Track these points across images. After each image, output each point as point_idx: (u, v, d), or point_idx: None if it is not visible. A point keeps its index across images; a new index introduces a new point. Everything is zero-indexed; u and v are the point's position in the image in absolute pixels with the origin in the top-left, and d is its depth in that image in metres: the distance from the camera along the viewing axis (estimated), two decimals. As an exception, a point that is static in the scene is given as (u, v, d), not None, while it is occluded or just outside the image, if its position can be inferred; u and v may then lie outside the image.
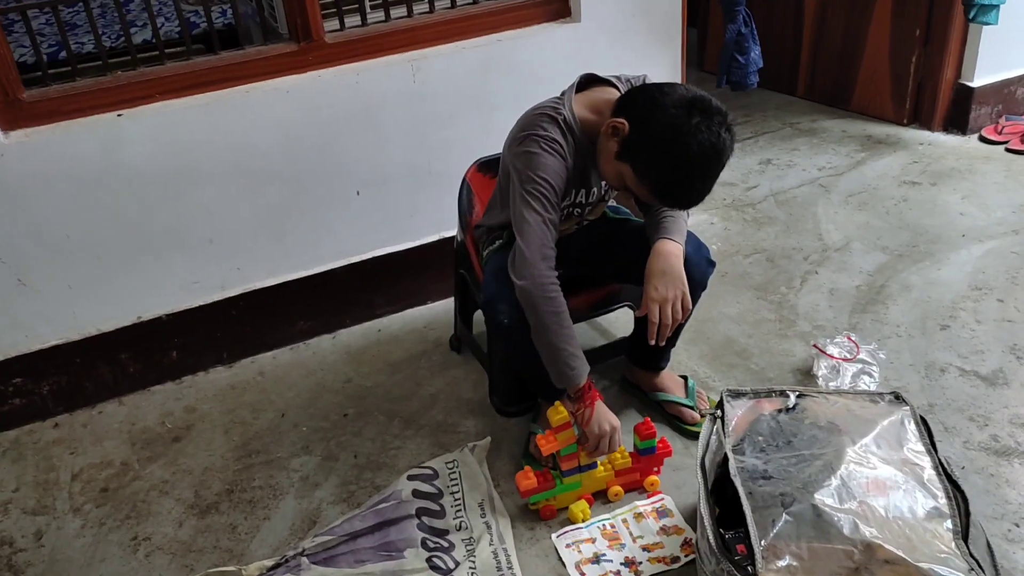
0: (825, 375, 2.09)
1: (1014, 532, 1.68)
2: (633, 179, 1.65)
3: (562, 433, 1.75)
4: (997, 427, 1.95)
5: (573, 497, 1.83)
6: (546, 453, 1.76)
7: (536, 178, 1.67)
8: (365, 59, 2.26)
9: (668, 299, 1.72)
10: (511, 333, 1.77)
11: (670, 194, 1.66)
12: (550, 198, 1.68)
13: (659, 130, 1.59)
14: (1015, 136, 3.21)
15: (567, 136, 1.71)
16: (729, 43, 2.76)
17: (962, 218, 2.78)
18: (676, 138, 1.57)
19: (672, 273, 1.73)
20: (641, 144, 1.62)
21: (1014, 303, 2.35)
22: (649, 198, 1.69)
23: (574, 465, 1.79)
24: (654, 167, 1.62)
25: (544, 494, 1.80)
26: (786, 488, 1.42)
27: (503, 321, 1.75)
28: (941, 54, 3.21)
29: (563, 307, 1.69)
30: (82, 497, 1.98)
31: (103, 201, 2.09)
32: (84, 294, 2.16)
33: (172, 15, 3.28)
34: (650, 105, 1.62)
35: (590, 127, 1.73)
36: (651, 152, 1.61)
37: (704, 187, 1.63)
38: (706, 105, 1.59)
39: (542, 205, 1.67)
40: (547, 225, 1.68)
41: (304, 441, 2.08)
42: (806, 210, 2.91)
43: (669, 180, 1.62)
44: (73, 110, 2.03)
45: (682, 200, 1.68)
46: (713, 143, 1.57)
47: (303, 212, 2.32)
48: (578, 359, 1.71)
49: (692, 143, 1.56)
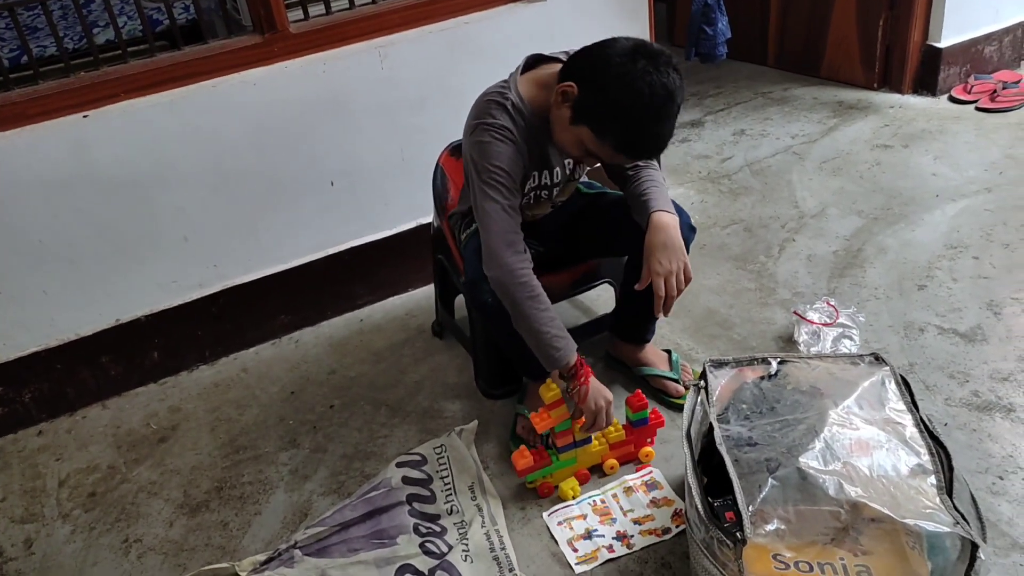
0: (806, 341, 2.11)
1: (998, 485, 1.71)
2: (593, 140, 1.63)
3: (555, 410, 1.76)
4: (977, 383, 1.97)
5: (569, 473, 1.84)
6: (540, 431, 1.77)
7: (490, 167, 1.67)
8: (331, 48, 2.24)
9: (672, 271, 1.72)
10: (494, 312, 1.76)
11: (632, 145, 1.63)
12: (507, 184, 1.67)
13: (608, 82, 1.57)
14: (984, 95, 3.24)
15: (516, 120, 1.69)
16: (696, 15, 2.76)
17: (935, 178, 2.80)
18: (626, 86, 1.55)
19: (673, 245, 1.73)
20: (593, 102, 1.60)
21: (989, 260, 2.37)
22: (613, 156, 1.66)
23: (569, 441, 1.80)
24: (610, 121, 1.59)
25: (540, 471, 1.81)
26: (771, 454, 1.43)
27: (487, 300, 1.75)
28: (908, 16, 3.22)
29: (537, 290, 1.68)
30: (70, 503, 1.97)
31: (74, 204, 2.07)
32: (60, 299, 2.14)
33: (134, 13, 3.23)
34: (594, 61, 1.60)
35: (539, 106, 1.71)
36: (605, 107, 1.59)
37: (664, 131, 1.61)
38: (649, 50, 1.58)
39: (499, 193, 1.67)
40: (507, 212, 1.68)
41: (291, 435, 2.08)
42: (781, 178, 2.92)
43: (628, 131, 1.60)
44: (38, 113, 2.00)
45: (646, 148, 1.66)
46: (664, 83, 1.55)
47: (278, 205, 2.30)
48: (562, 339, 1.72)
49: (644, 88, 1.54)
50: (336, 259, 2.42)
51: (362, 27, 2.26)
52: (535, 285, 1.68)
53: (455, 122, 2.33)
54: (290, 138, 2.24)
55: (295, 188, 2.30)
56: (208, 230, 2.24)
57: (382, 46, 2.26)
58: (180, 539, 1.84)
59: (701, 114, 3.46)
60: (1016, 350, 2.04)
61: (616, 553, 1.68)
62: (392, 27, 2.29)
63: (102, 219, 2.11)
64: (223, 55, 2.14)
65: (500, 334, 1.84)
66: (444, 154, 2.13)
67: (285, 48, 2.19)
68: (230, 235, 2.27)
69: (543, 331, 1.69)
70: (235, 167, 2.21)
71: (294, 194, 2.31)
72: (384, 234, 2.46)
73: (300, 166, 2.28)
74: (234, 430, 2.12)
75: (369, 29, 2.27)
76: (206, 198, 2.21)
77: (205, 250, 2.26)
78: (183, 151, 2.14)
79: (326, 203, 2.35)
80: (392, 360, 2.29)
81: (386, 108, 2.32)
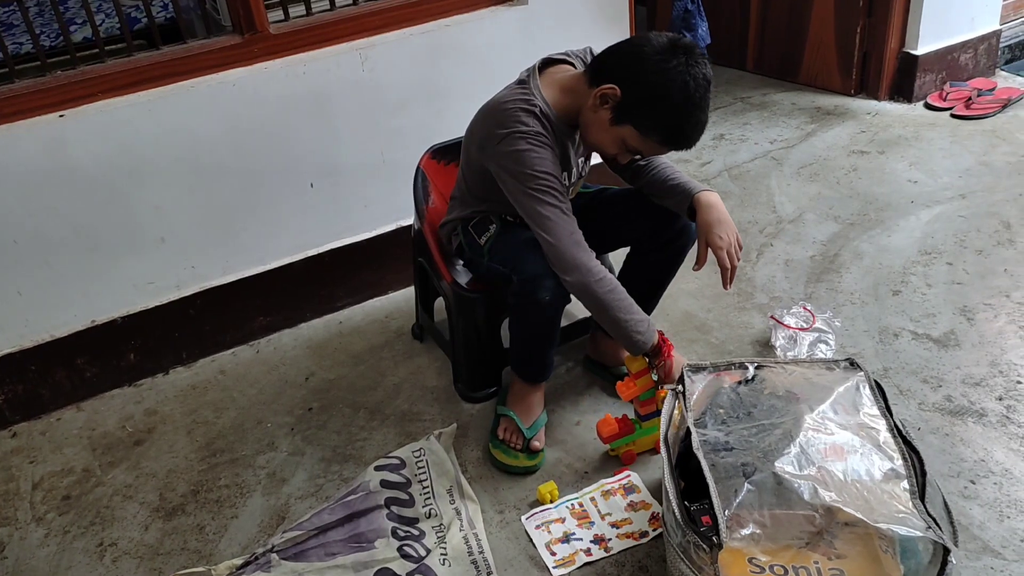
0: (783, 345, 2.13)
1: (969, 489, 1.73)
2: (637, 137, 1.67)
3: (641, 379, 1.81)
4: (950, 388, 2.00)
5: (651, 441, 1.88)
6: (626, 399, 1.84)
7: (538, 174, 1.69)
8: (312, 49, 2.23)
9: (731, 243, 1.80)
10: (549, 309, 1.80)
11: (678, 137, 1.68)
12: (557, 188, 1.71)
13: (653, 80, 1.62)
14: (959, 102, 3.28)
15: (546, 125, 1.72)
16: (676, 20, 2.78)
17: (910, 185, 2.84)
18: (671, 83, 1.61)
19: (725, 220, 1.81)
20: (638, 101, 1.64)
21: (963, 266, 2.41)
22: (656, 149, 1.72)
23: (652, 410, 1.85)
24: (657, 117, 1.65)
25: (625, 439, 1.85)
26: (747, 458, 1.45)
27: (545, 297, 1.76)
28: (885, 24, 3.26)
29: (613, 282, 1.75)
30: (44, 506, 1.94)
31: (50, 204, 2.05)
32: (35, 300, 2.12)
33: (111, 11, 3.21)
34: (634, 61, 1.65)
35: (563, 109, 1.74)
36: (651, 105, 1.64)
37: (705, 118, 1.67)
38: (684, 44, 1.65)
39: (554, 197, 1.70)
40: (566, 214, 1.72)
41: (269, 437, 2.07)
42: (759, 183, 2.95)
43: (674, 124, 1.66)
44: (13, 112, 1.98)
45: (691, 138, 1.69)
46: (704, 74, 1.63)
47: (257, 207, 2.29)
48: (643, 322, 1.77)
49: (688, 81, 1.61)
50: (315, 261, 2.41)
51: (343, 28, 2.26)
52: (611, 279, 1.75)
53: (436, 124, 2.34)
54: (270, 139, 2.23)
55: (274, 189, 2.29)
56: (186, 231, 2.23)
57: (363, 48, 2.26)
58: (156, 543, 1.82)
59: (681, 118, 3.48)
60: (988, 356, 2.07)
61: (594, 556, 1.69)
62: (373, 29, 2.29)
63: (78, 219, 2.09)
64: (202, 55, 2.13)
65: (538, 331, 1.88)
66: (425, 157, 2.13)
67: (265, 49, 2.18)
68: (208, 236, 2.26)
69: (626, 319, 1.75)
70: (214, 168, 2.19)
71: (273, 195, 2.30)
72: (364, 236, 2.45)
73: (279, 167, 2.27)
74: (211, 433, 2.11)
75: (350, 31, 2.27)
76: (184, 199, 2.19)
77: (182, 251, 2.24)
78: (161, 151, 2.12)
79: (306, 204, 2.34)
80: (371, 363, 2.29)
81: (367, 110, 2.31)
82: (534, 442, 1.90)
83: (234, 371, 2.31)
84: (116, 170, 2.09)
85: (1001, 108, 3.22)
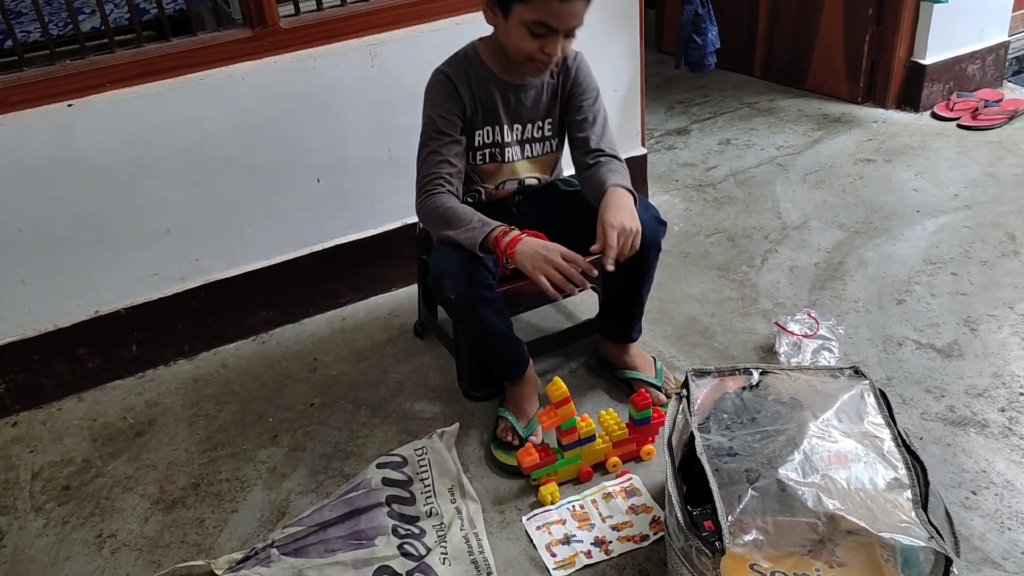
0: (787, 351, 2.13)
1: (971, 499, 1.73)
2: (527, 9, 1.63)
3: (562, 408, 1.78)
4: (953, 398, 1.99)
5: (574, 471, 1.86)
6: (547, 428, 1.80)
7: (424, 118, 1.81)
8: (322, 44, 2.22)
9: (626, 227, 1.67)
10: (457, 309, 1.80)
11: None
12: (437, 129, 1.78)
13: None
14: (966, 112, 3.28)
15: (460, 64, 1.79)
16: (686, 24, 2.78)
17: (916, 194, 2.84)
18: None
19: (627, 208, 1.70)
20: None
21: (967, 276, 2.40)
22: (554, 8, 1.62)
23: (574, 439, 1.82)
24: None
25: (546, 469, 1.83)
26: (751, 464, 1.44)
27: (450, 296, 1.77)
28: (893, 33, 3.26)
29: (447, 201, 1.75)
30: (43, 496, 1.94)
31: (56, 193, 2.04)
32: (39, 289, 2.12)
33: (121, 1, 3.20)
34: None
35: (489, 51, 1.79)
36: None
37: None
38: None
39: (427, 137, 1.80)
40: (431, 155, 1.79)
41: (270, 432, 2.07)
42: (765, 189, 2.95)
43: None
44: (22, 101, 1.97)
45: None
46: None
47: (263, 201, 2.29)
48: (473, 228, 1.70)
49: None
50: (320, 256, 2.41)
51: (353, 24, 2.25)
52: (444, 199, 1.75)
53: (444, 123, 2.33)
54: (277, 133, 2.23)
55: (281, 184, 2.29)
56: (192, 224, 2.22)
57: (373, 44, 2.26)
58: (155, 535, 1.82)
59: (687, 122, 3.48)
60: (991, 367, 2.07)
61: (594, 559, 1.68)
62: (383, 25, 2.29)
63: (84, 209, 2.09)
64: (212, 48, 2.12)
65: (468, 330, 1.88)
66: (432, 155, 2.12)
67: (275, 43, 2.18)
68: (214, 229, 2.26)
69: (457, 234, 1.72)
70: (221, 161, 2.19)
71: (280, 190, 2.29)
72: (369, 233, 2.45)
73: (287, 162, 2.27)
74: (212, 426, 2.10)
75: (360, 27, 2.26)
76: (190, 191, 2.19)
77: (188, 243, 2.24)
78: (168, 143, 2.12)
79: (312, 200, 2.34)
80: (374, 359, 2.28)
81: (375, 107, 2.31)
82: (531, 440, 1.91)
83: (236, 365, 2.31)
84: (123, 161, 2.08)
85: (1008, 119, 3.22)
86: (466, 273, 1.74)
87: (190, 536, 1.81)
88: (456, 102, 1.78)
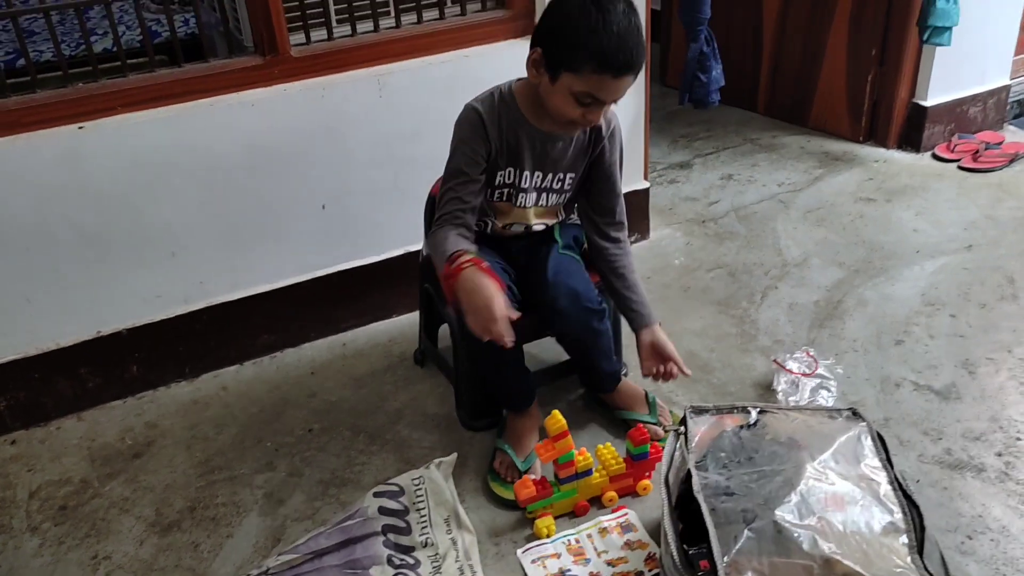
0: (785, 390, 2.13)
1: (967, 544, 1.73)
2: (576, 79, 1.63)
3: (560, 441, 1.79)
4: (950, 441, 2.00)
5: (570, 504, 1.86)
6: (544, 461, 1.81)
7: (450, 151, 1.81)
8: (331, 73, 2.25)
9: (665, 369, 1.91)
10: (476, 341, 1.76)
11: (605, 53, 1.60)
12: (459, 168, 1.78)
13: (554, 14, 1.65)
14: (967, 154, 3.31)
15: (494, 104, 1.78)
16: (691, 61, 2.81)
17: (916, 234, 2.86)
18: (573, 10, 1.60)
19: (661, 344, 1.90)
20: (553, 44, 1.64)
21: (966, 318, 2.42)
22: (604, 83, 1.63)
23: (571, 472, 1.82)
24: (574, 46, 1.61)
25: (542, 502, 1.83)
26: (748, 504, 1.45)
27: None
28: (896, 74, 3.29)
29: (446, 232, 1.76)
30: (40, 515, 1.94)
31: (63, 213, 2.06)
32: (43, 308, 2.13)
33: (133, 23, 3.24)
34: (548, 14, 1.68)
35: (524, 96, 1.79)
36: (563, 37, 1.62)
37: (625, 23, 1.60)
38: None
39: (449, 174, 1.81)
40: (448, 193, 1.79)
41: (268, 457, 2.07)
42: (766, 225, 2.97)
43: (592, 42, 1.59)
44: (33, 122, 2.00)
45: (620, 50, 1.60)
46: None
47: (268, 226, 2.31)
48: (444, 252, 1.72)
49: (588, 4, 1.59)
50: (323, 282, 2.42)
51: (363, 54, 2.29)
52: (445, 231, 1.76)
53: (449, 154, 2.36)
54: (285, 160, 2.25)
55: (286, 209, 2.31)
56: (196, 247, 2.24)
57: (382, 74, 2.28)
58: (150, 558, 1.82)
59: (690, 156, 3.51)
60: (989, 410, 2.08)
61: (588, 594, 1.68)
62: (393, 56, 2.32)
63: (90, 230, 2.10)
64: (223, 74, 2.15)
65: (484, 356, 1.87)
66: (437, 184, 2.14)
67: (285, 71, 2.21)
68: (218, 253, 2.27)
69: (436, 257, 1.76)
70: (228, 185, 2.21)
71: (285, 215, 2.31)
72: (372, 259, 2.46)
73: (293, 188, 2.29)
74: (210, 449, 2.11)
75: (370, 57, 2.29)
76: (196, 215, 2.21)
77: (192, 266, 2.26)
78: (176, 167, 2.14)
79: (316, 226, 2.36)
80: (373, 386, 2.29)
81: (382, 136, 2.33)
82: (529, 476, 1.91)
83: (236, 388, 2.31)
84: (131, 184, 2.10)
85: (1008, 162, 3.25)
86: None
87: (185, 560, 1.81)
88: (483, 142, 1.77)
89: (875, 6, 3.25)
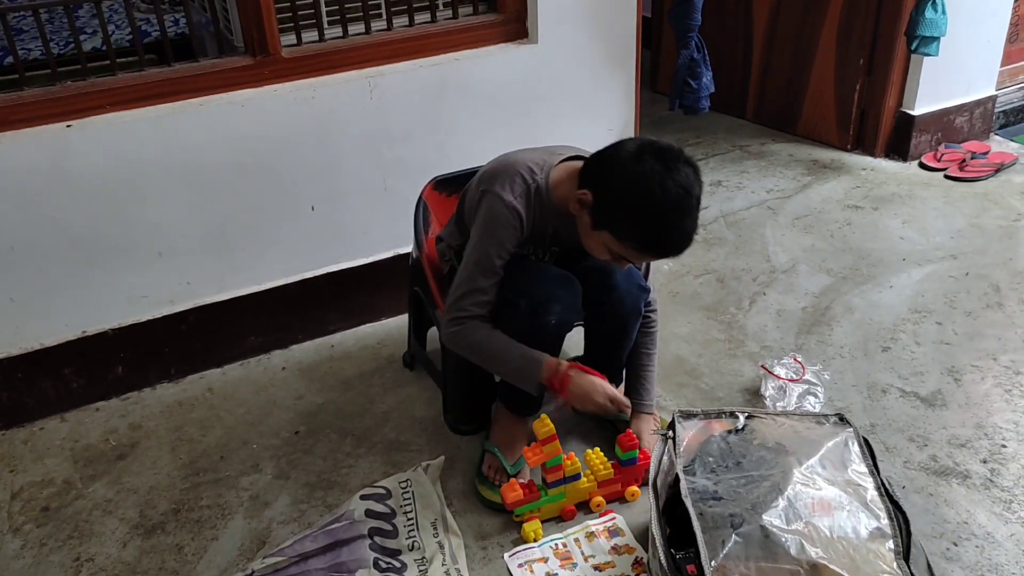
0: (772, 395, 2.14)
1: (952, 551, 1.74)
2: (615, 243, 1.65)
3: (548, 445, 1.78)
4: (936, 447, 2.01)
5: (557, 509, 1.85)
6: (532, 465, 1.80)
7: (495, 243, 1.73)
8: (322, 75, 2.25)
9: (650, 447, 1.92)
10: (554, 330, 1.80)
11: (655, 244, 1.65)
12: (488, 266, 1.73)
13: (621, 186, 1.60)
14: (953, 164, 3.33)
15: (532, 205, 1.74)
16: (682, 68, 2.82)
17: (903, 242, 2.87)
18: (639, 188, 1.57)
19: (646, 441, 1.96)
20: (609, 207, 1.63)
21: (952, 326, 2.43)
22: (640, 256, 1.70)
23: (559, 477, 1.82)
24: (629, 224, 1.62)
25: (529, 506, 1.82)
26: (735, 509, 1.45)
27: (551, 320, 1.77)
28: (884, 83, 3.32)
29: (479, 333, 1.74)
30: (22, 516, 1.92)
31: (49, 213, 2.04)
32: (27, 308, 2.11)
33: (123, 22, 3.22)
34: (604, 166, 1.65)
35: (560, 196, 1.75)
36: (622, 211, 1.61)
37: (685, 227, 1.62)
38: (656, 147, 1.61)
39: (475, 269, 1.74)
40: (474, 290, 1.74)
41: (254, 459, 2.06)
42: (754, 232, 2.98)
43: (647, 232, 1.62)
44: (20, 120, 1.98)
45: (669, 248, 1.66)
46: (676, 180, 1.57)
47: (256, 227, 2.29)
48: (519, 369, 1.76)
49: (655, 188, 1.56)
50: (311, 283, 2.41)
51: (354, 56, 2.28)
52: (473, 329, 1.75)
53: (439, 156, 2.37)
54: (274, 160, 2.24)
55: (275, 210, 2.30)
56: (184, 246, 2.23)
57: (372, 76, 2.28)
58: (133, 561, 1.80)
59: (679, 162, 3.52)
60: (974, 417, 2.09)
61: (575, 599, 1.68)
62: (383, 58, 2.31)
63: (76, 230, 2.09)
64: (213, 74, 2.14)
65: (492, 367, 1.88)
66: (428, 187, 2.14)
67: (276, 72, 2.20)
68: (205, 253, 2.26)
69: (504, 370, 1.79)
70: (216, 186, 2.20)
71: (273, 216, 2.30)
72: (361, 262, 2.46)
73: (282, 189, 2.28)
74: (195, 451, 2.09)
75: (361, 59, 2.29)
76: (184, 215, 2.20)
77: (179, 267, 2.24)
78: (165, 167, 2.12)
79: (305, 227, 2.35)
80: (361, 389, 2.28)
81: (372, 138, 2.33)
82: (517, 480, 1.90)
83: (222, 389, 2.30)
84: (119, 183, 2.09)
85: (994, 172, 3.28)
86: (570, 300, 1.78)
87: (168, 563, 1.79)
88: (518, 239, 1.75)
89: (864, 16, 3.28)
